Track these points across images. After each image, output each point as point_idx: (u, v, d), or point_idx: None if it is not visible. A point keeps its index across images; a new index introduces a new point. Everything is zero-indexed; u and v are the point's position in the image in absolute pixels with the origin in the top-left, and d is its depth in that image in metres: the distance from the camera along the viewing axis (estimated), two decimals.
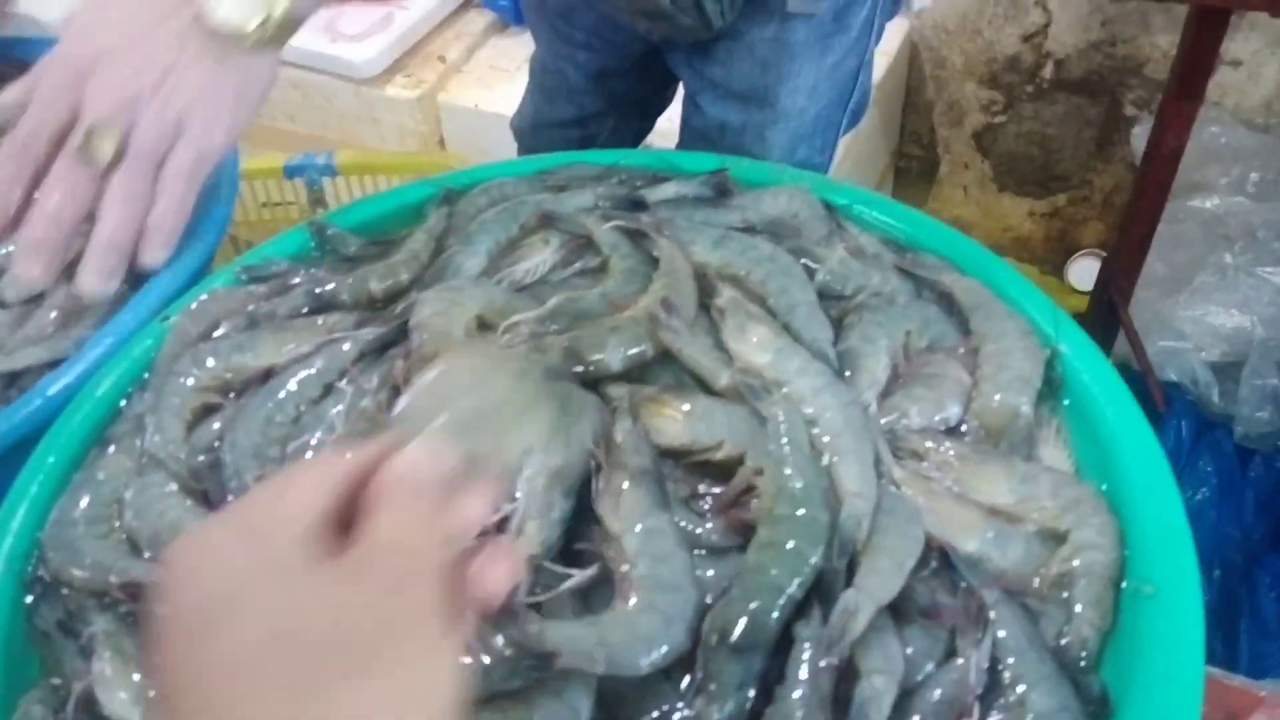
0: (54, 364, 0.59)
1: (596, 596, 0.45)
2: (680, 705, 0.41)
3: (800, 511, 0.43)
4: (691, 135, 1.08)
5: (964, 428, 0.49)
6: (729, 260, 0.57)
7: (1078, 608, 0.42)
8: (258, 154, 1.25)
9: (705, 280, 0.56)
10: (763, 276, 0.55)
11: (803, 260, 0.56)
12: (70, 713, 0.43)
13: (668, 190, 0.63)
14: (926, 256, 0.58)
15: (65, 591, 0.47)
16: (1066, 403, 0.50)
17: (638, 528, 0.44)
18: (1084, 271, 1.72)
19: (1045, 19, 1.61)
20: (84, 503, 0.49)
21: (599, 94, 1.12)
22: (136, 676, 0.43)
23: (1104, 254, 1.60)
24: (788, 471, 0.45)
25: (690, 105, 1.05)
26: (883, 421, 0.49)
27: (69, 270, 0.57)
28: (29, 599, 0.47)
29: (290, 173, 1.15)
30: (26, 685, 0.44)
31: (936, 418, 0.49)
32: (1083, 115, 1.68)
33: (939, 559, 0.44)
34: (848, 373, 0.51)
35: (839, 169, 1.49)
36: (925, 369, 0.51)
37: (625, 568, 0.43)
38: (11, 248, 0.63)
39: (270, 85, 0.60)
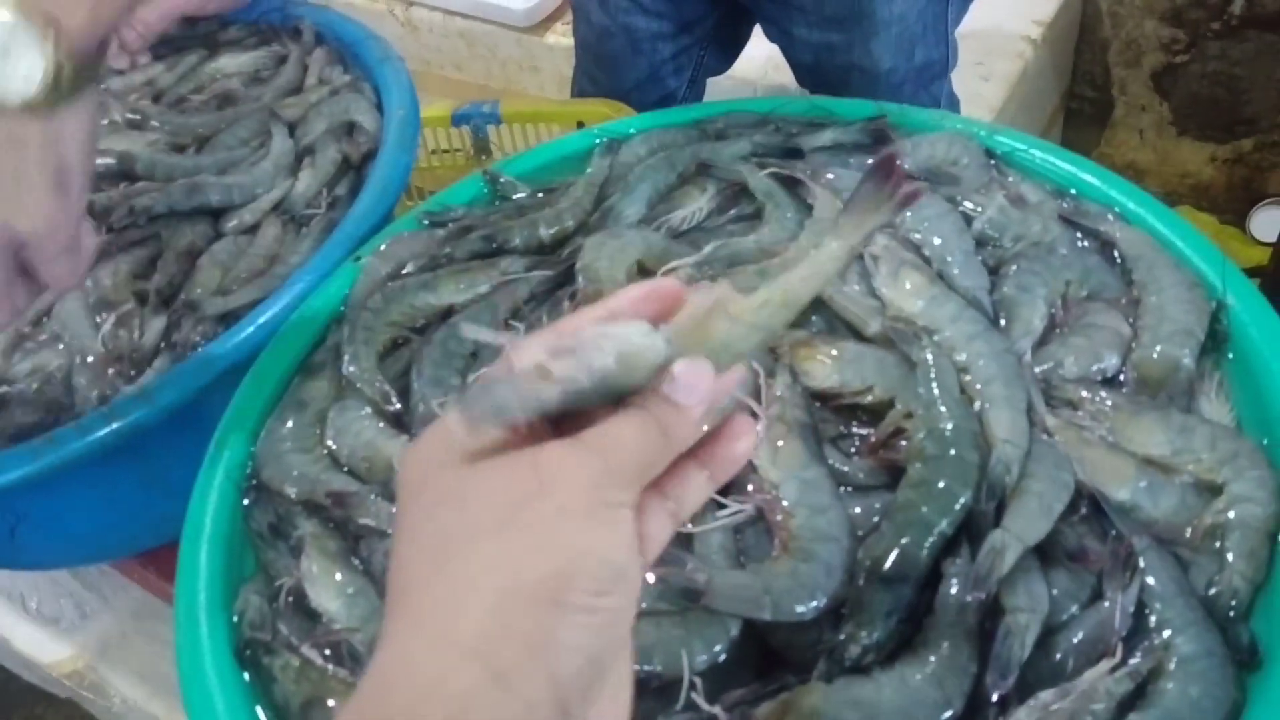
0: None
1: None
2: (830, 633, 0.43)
3: (951, 452, 0.45)
4: (801, 70, 1.05)
5: (1122, 378, 0.49)
6: None
7: (1230, 558, 0.42)
8: (426, 102, 1.32)
9: None
10: (918, 224, 0.56)
11: (961, 207, 0.57)
12: (282, 603, 0.49)
13: (824, 138, 0.64)
14: (1090, 205, 0.57)
15: (275, 498, 0.53)
16: (1231, 357, 0.49)
17: (796, 479, 0.46)
18: (1268, 222, 1.61)
19: None
20: (290, 422, 0.55)
21: (670, 40, 1.10)
22: (339, 575, 0.49)
23: None
24: (938, 413, 0.46)
25: (783, 37, 1.03)
26: (1038, 370, 0.49)
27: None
28: (245, 503, 0.53)
29: (457, 120, 1.20)
30: (244, 577, 0.51)
31: (1093, 368, 0.49)
32: (1275, 54, 1.56)
33: (1089, 506, 0.45)
34: (1003, 321, 0.52)
35: (1004, 111, 1.44)
36: (1084, 319, 0.51)
37: (782, 516, 0.46)
38: None
39: (88, 127, 0.50)
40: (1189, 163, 1.72)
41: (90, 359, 0.63)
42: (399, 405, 0.55)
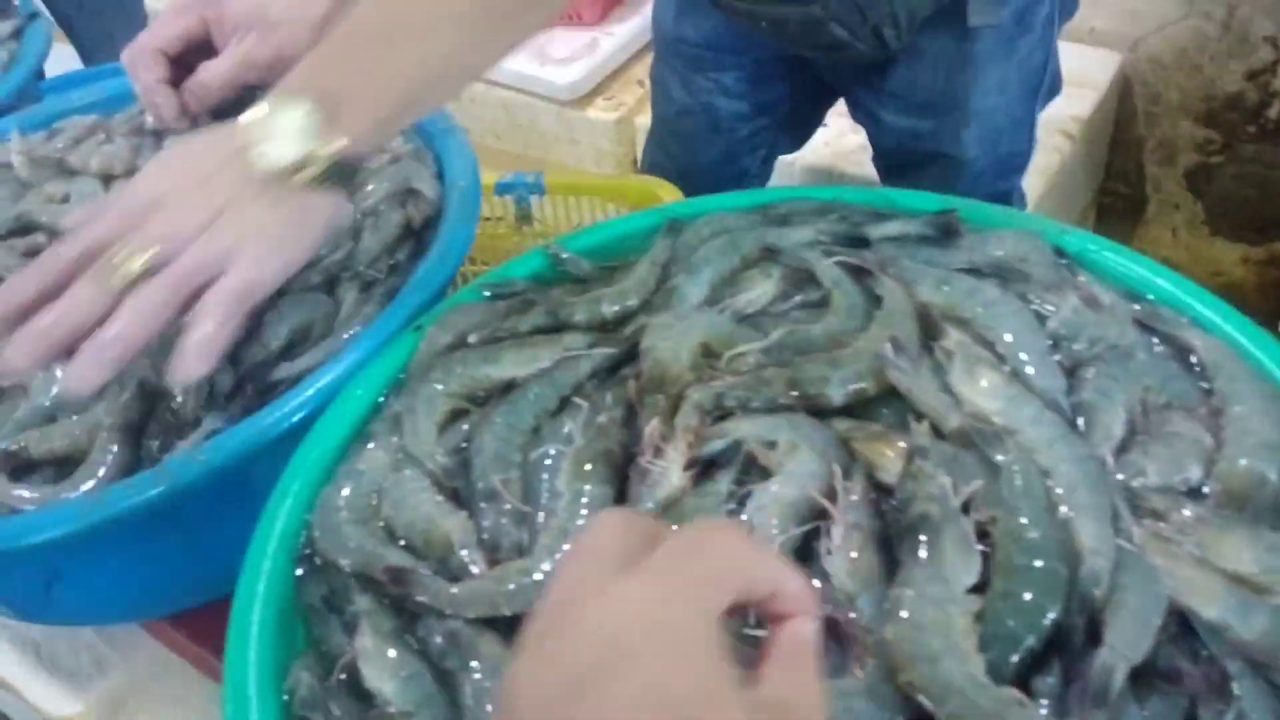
0: None
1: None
2: None
3: (1038, 563, 0.43)
4: (883, 153, 1.08)
5: (1205, 490, 0.48)
6: (955, 302, 0.57)
7: None
8: None
9: (929, 321, 0.57)
10: (991, 321, 0.55)
11: (1033, 307, 0.56)
12: (334, 682, 0.47)
13: (891, 228, 0.64)
14: (1165, 310, 0.56)
15: (330, 570, 0.52)
16: None
17: (874, 593, 0.45)
18: None
19: (1274, 56, 1.52)
20: (346, 491, 0.54)
21: (749, 121, 1.12)
22: (393, 654, 0.47)
23: None
24: (1024, 520, 0.45)
25: (869, 122, 1.05)
26: (1119, 478, 0.48)
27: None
28: (298, 574, 0.52)
29: (501, 190, 1.21)
30: (295, 653, 0.49)
31: (1176, 478, 0.48)
32: None
33: (1177, 625, 0.43)
34: (1081, 426, 0.51)
35: (1039, 204, 1.45)
36: (1164, 428, 0.50)
37: (859, 630, 0.44)
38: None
39: (333, 220, 0.61)
40: (1221, 262, 1.73)
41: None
42: (458, 479, 0.54)
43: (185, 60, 0.79)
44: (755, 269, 0.64)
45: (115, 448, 0.60)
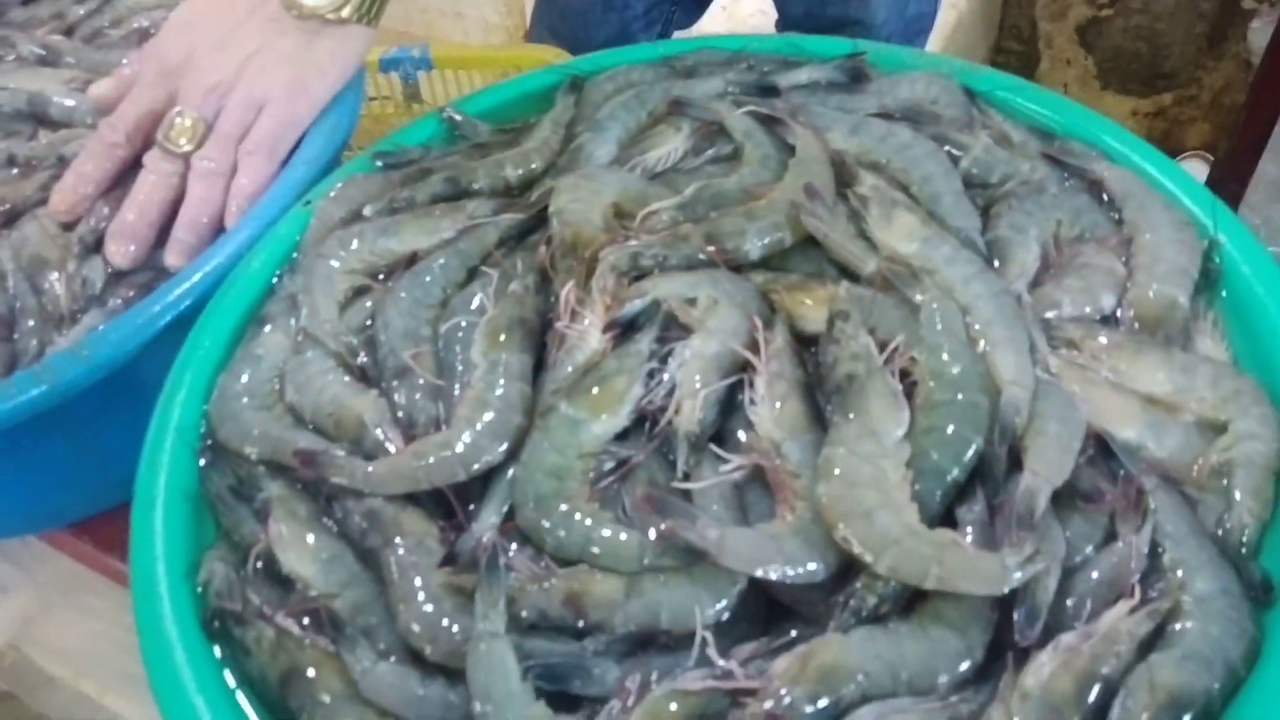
0: None
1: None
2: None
3: (959, 396, 0.43)
4: (790, 22, 1.06)
5: (1119, 317, 0.49)
6: (868, 147, 0.56)
7: (1237, 496, 0.42)
8: None
9: (844, 168, 0.55)
10: (904, 164, 0.54)
11: (945, 147, 0.55)
12: (250, 570, 0.45)
13: (800, 76, 0.62)
14: (1074, 144, 0.56)
15: (235, 459, 0.49)
16: (1224, 294, 0.49)
17: (801, 439, 0.44)
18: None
19: None
20: (245, 378, 0.51)
21: None
22: (311, 539, 0.45)
23: (1210, 157, 1.54)
24: (944, 357, 0.45)
25: None
26: (1035, 311, 0.48)
27: None
28: (200, 465, 0.49)
29: (385, 65, 1.14)
30: (203, 547, 0.47)
31: (1089, 308, 0.48)
32: (1195, 8, 1.60)
33: (1095, 447, 0.44)
34: (996, 262, 0.51)
35: None
36: (1077, 259, 0.50)
37: (785, 476, 0.44)
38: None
39: (363, 52, 0.65)
40: (1112, 116, 1.75)
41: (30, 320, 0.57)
42: (366, 358, 0.51)
43: None
44: (664, 124, 0.61)
45: None
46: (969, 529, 0.41)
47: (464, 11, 1.67)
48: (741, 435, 0.46)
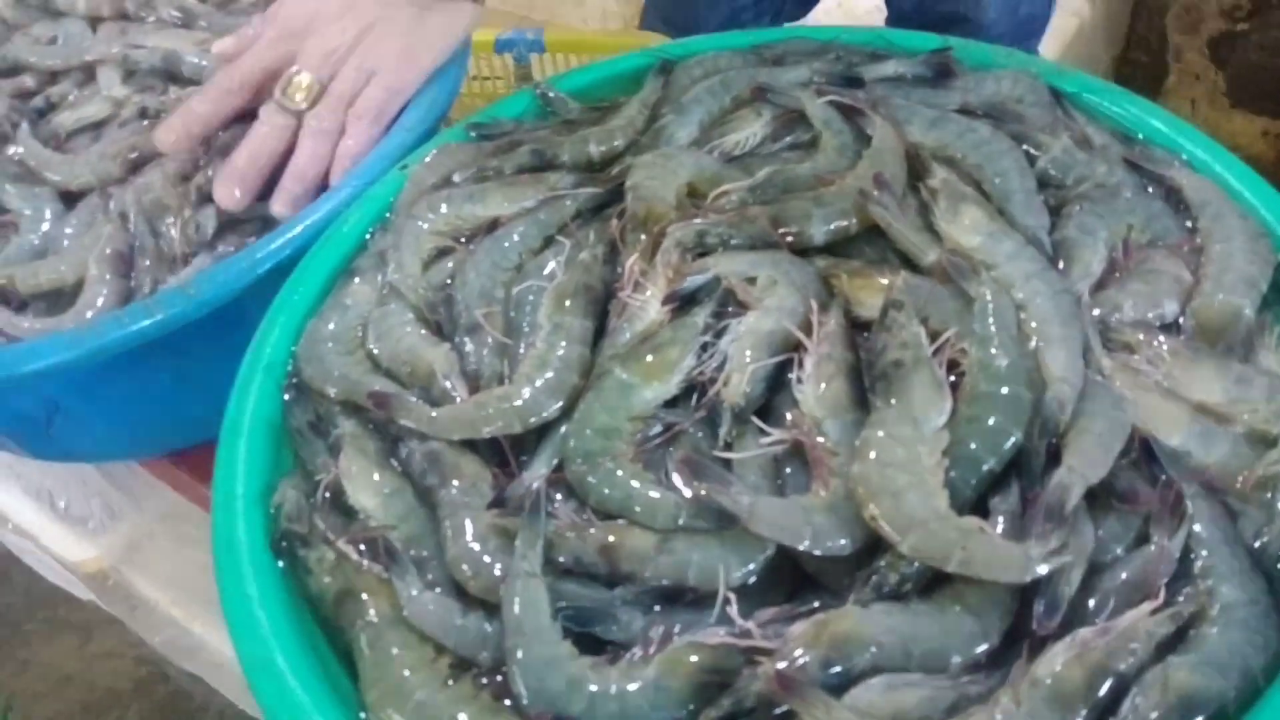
0: None
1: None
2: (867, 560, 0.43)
3: (1004, 390, 0.44)
4: (900, 16, 1.05)
5: (1181, 324, 0.48)
6: (945, 142, 0.56)
7: None
8: None
9: (918, 161, 0.56)
10: (980, 160, 0.55)
11: (1024, 146, 0.55)
12: (319, 499, 0.49)
13: (886, 69, 0.62)
14: (1156, 150, 0.55)
15: (315, 397, 0.53)
16: None
17: (842, 419, 0.45)
18: None
19: None
20: (333, 324, 0.55)
21: None
22: (376, 475, 0.49)
23: None
24: (993, 350, 0.45)
25: None
26: (1095, 313, 0.48)
27: None
28: (285, 400, 0.53)
29: (500, 47, 1.18)
30: (282, 473, 0.51)
31: (1151, 313, 0.48)
32: None
33: (1140, 450, 0.44)
34: (1062, 263, 0.51)
35: None
36: (1145, 264, 0.50)
37: (823, 453, 0.45)
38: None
39: (471, 27, 0.69)
40: (1240, 135, 1.68)
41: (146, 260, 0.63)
42: (442, 313, 0.55)
43: None
44: (747, 109, 0.63)
45: (109, 277, 0.61)
46: (1000, 519, 0.42)
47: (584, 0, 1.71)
48: (788, 416, 0.48)
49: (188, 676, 0.90)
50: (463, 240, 0.59)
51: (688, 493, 0.44)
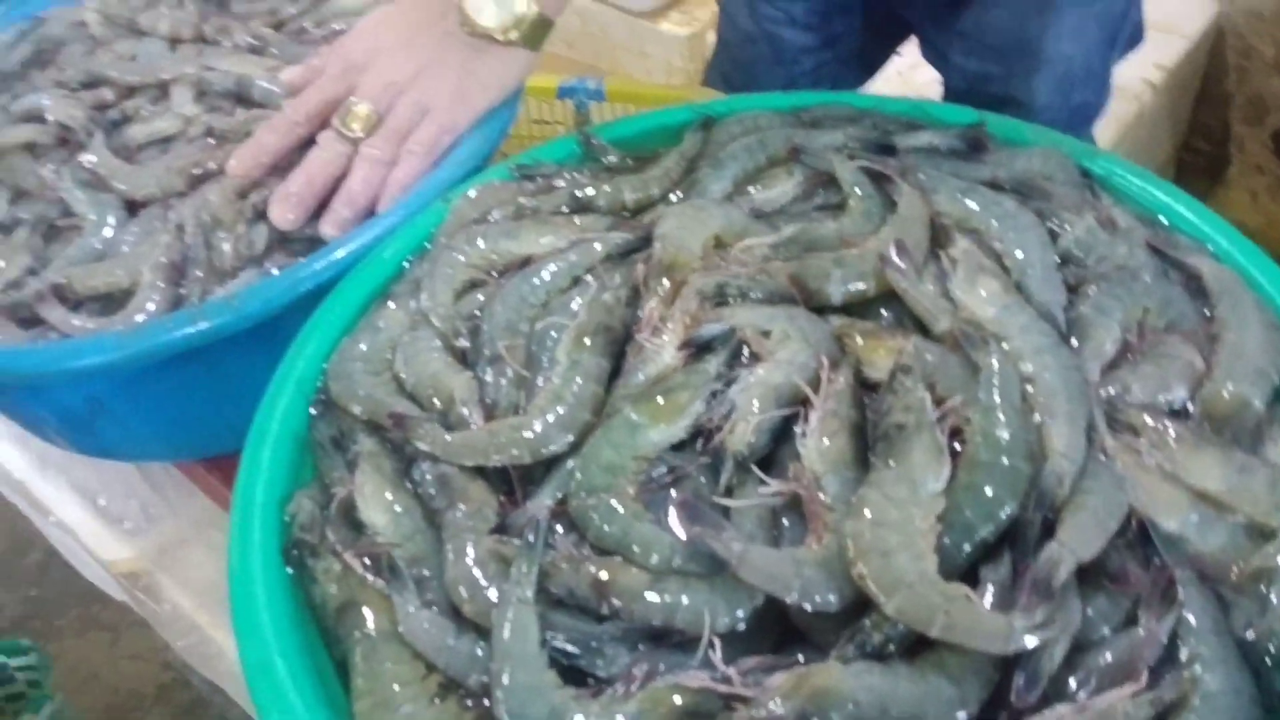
0: None
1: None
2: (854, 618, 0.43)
3: (1003, 460, 0.44)
4: (953, 95, 1.06)
5: (1189, 411, 0.48)
6: (969, 213, 0.57)
7: (1274, 603, 0.41)
8: (533, 74, 1.34)
9: (942, 229, 0.57)
10: (1002, 233, 0.56)
11: (1048, 223, 0.56)
12: (333, 512, 0.51)
13: (920, 139, 0.64)
14: (1181, 236, 0.56)
15: (340, 414, 0.55)
16: None
17: (842, 476, 0.46)
18: None
19: None
20: (363, 345, 0.57)
21: (813, 54, 1.10)
22: (389, 493, 0.50)
23: None
24: (996, 421, 0.46)
25: (939, 61, 1.02)
26: (1103, 392, 0.49)
27: None
28: (311, 414, 0.55)
29: (562, 93, 1.21)
30: (301, 483, 0.53)
31: (1160, 397, 0.48)
32: None
33: (1136, 532, 0.44)
34: (1075, 340, 0.51)
35: (1114, 153, 1.41)
36: (1158, 348, 0.50)
37: (820, 508, 0.46)
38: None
39: (524, 75, 0.72)
40: None
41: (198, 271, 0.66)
42: (468, 342, 0.57)
43: None
44: (780, 168, 0.65)
45: (162, 284, 0.64)
46: (989, 588, 0.42)
47: (649, 52, 1.75)
48: (790, 468, 0.49)
49: (208, 685, 0.92)
50: (495, 274, 0.61)
51: (684, 535, 0.45)
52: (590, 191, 0.64)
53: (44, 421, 0.72)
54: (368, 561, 0.48)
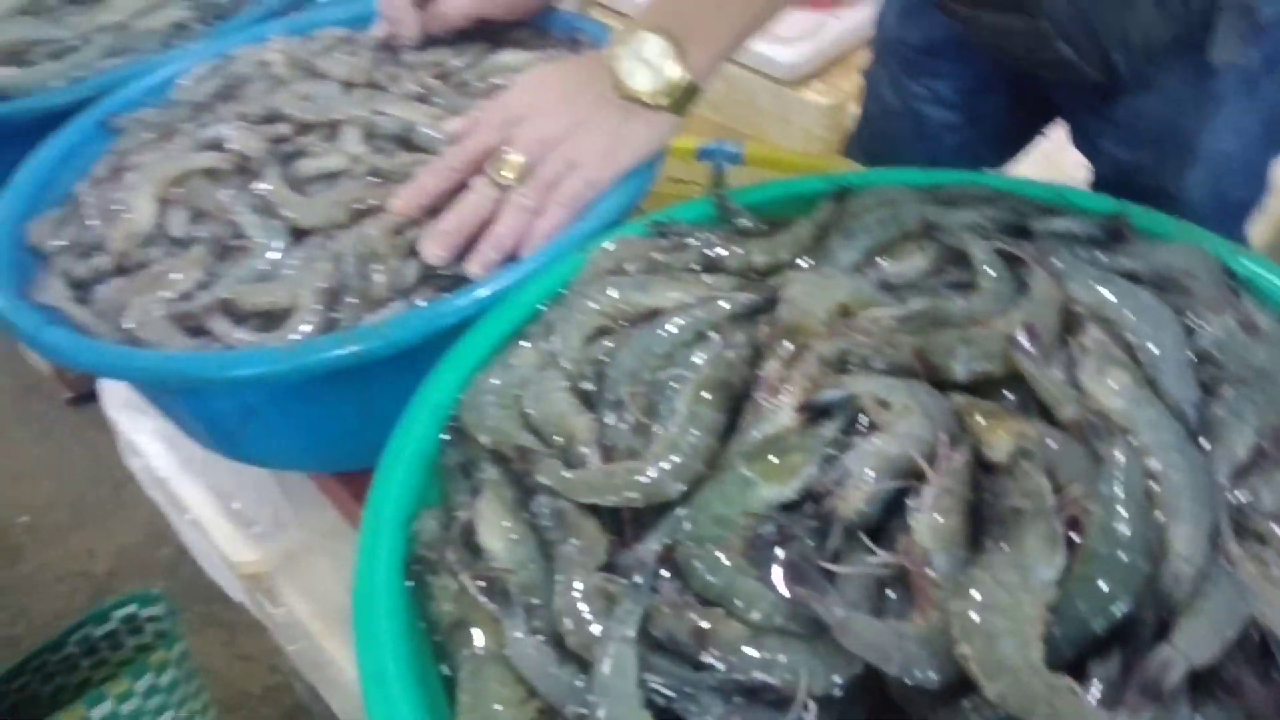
0: None
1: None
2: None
3: (1121, 555, 0.44)
4: (1101, 182, 1.04)
5: None
6: (1104, 302, 0.57)
7: None
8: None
9: (1074, 317, 0.57)
10: (1136, 325, 0.55)
11: (1185, 319, 0.55)
12: (454, 532, 0.53)
13: (1058, 224, 0.64)
14: None
15: (469, 442, 0.58)
16: None
17: (952, 554, 0.46)
18: None
19: None
20: (496, 380, 0.61)
21: (957, 132, 1.08)
22: (507, 521, 0.53)
23: None
24: (1117, 516, 0.45)
25: (1089, 148, 1.00)
26: (1232, 497, 0.47)
27: None
28: (442, 439, 0.59)
29: (702, 155, 1.24)
30: (427, 504, 0.56)
31: None
32: None
33: (1256, 645, 0.43)
34: (1205, 442, 0.50)
35: (1266, 253, 1.36)
36: None
37: (928, 584, 0.46)
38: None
39: (668, 139, 0.75)
40: None
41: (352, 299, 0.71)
42: (593, 386, 0.59)
43: None
44: (912, 242, 0.65)
45: (318, 307, 0.69)
46: (1095, 683, 0.42)
47: (791, 119, 1.77)
48: (899, 541, 0.49)
49: (311, 691, 0.96)
50: (624, 323, 0.63)
51: (787, 594, 0.46)
52: (721, 251, 0.66)
53: (198, 424, 0.78)
54: (482, 584, 0.50)
